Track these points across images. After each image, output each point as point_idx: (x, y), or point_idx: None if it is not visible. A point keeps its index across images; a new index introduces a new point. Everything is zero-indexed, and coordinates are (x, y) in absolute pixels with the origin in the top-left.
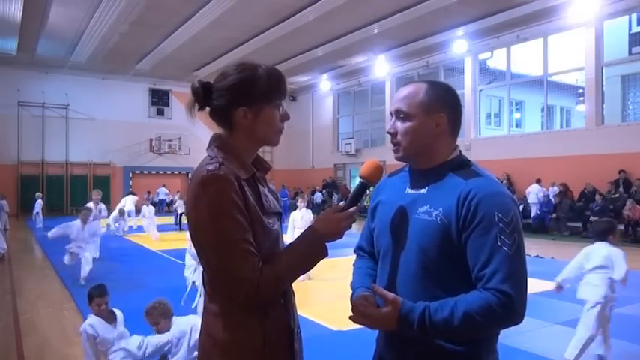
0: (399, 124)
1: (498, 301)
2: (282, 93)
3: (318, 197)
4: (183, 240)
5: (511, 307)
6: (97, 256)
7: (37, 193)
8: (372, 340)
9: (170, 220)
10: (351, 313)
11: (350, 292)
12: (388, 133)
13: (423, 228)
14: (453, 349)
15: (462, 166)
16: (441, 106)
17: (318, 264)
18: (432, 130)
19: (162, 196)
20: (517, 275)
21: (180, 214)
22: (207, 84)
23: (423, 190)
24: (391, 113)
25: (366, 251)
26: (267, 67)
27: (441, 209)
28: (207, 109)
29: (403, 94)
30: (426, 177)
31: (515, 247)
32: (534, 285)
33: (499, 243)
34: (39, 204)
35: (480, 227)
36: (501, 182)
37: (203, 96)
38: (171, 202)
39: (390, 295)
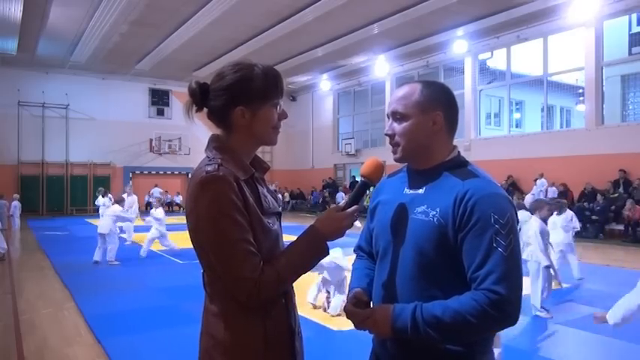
0: (396, 125)
1: (490, 301)
2: (279, 92)
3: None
4: (183, 240)
5: (503, 308)
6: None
7: (14, 195)
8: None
9: (169, 220)
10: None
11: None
12: (386, 134)
13: (420, 228)
14: (448, 349)
15: (460, 166)
16: (437, 104)
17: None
18: (429, 129)
19: (157, 196)
20: (512, 276)
21: None
22: (205, 85)
23: (421, 190)
24: (388, 115)
25: (365, 251)
26: (263, 66)
27: (438, 209)
28: (205, 110)
29: (399, 95)
30: (424, 177)
31: (511, 249)
32: None
33: (494, 244)
34: (15, 205)
35: (476, 228)
36: (504, 186)
37: (200, 97)
38: (170, 203)
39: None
